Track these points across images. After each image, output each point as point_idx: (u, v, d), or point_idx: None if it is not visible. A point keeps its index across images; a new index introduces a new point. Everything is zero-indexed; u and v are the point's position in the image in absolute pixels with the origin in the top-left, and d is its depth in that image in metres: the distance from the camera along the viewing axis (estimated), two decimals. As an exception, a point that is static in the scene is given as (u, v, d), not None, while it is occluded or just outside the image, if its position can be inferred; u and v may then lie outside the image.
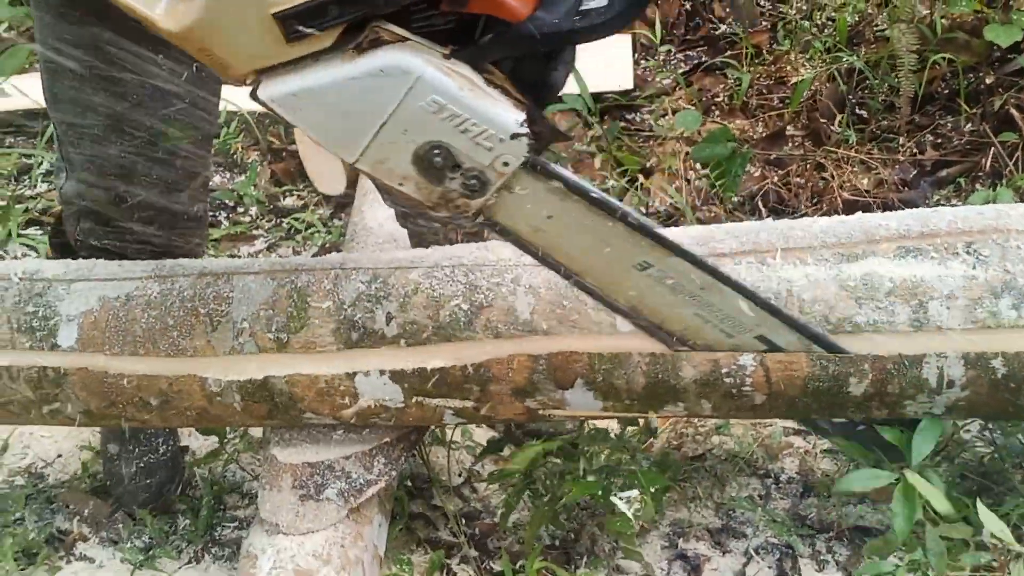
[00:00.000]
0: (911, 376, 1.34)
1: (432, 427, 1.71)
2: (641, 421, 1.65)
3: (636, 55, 3.01)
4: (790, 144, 2.61)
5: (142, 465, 1.84)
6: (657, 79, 2.92)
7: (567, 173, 1.16)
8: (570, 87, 2.66)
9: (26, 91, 2.83)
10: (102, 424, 1.58)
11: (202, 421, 1.55)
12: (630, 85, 2.81)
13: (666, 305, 1.29)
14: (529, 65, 1.06)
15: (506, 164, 1.08)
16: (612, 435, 1.68)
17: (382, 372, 1.42)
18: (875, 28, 2.84)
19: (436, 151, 1.07)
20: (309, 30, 0.98)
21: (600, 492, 1.54)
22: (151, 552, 1.79)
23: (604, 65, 2.84)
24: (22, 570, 1.75)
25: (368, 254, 1.55)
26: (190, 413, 1.52)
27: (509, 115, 1.05)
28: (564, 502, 1.60)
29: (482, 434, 1.95)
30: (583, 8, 1.01)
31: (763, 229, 1.42)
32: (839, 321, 1.32)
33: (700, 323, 1.31)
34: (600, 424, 1.72)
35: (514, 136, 1.06)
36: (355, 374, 1.44)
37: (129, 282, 1.51)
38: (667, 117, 2.73)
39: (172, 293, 1.49)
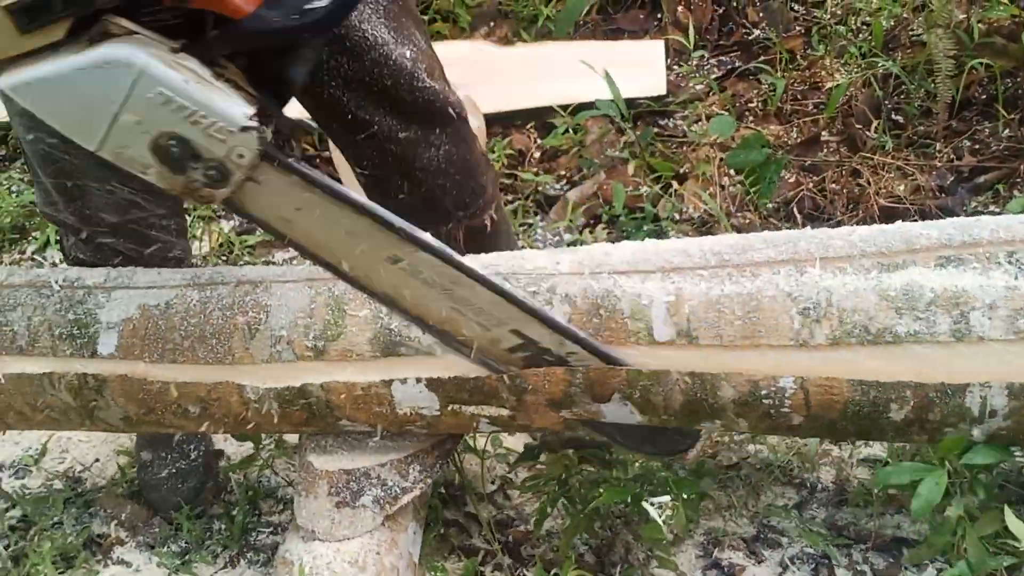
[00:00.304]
0: (953, 404, 1.32)
1: (465, 435, 1.71)
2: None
3: (669, 60, 2.99)
4: (825, 150, 2.59)
5: (175, 471, 1.85)
6: (690, 84, 2.91)
7: (307, 169, 1.20)
8: (604, 92, 2.66)
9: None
10: (141, 430, 1.60)
11: (240, 428, 1.56)
12: (663, 91, 2.81)
13: (422, 298, 1.32)
14: (263, 61, 1.11)
15: (241, 156, 1.13)
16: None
17: (418, 380, 1.43)
18: (911, 33, 2.81)
19: (172, 141, 1.11)
20: (39, 23, 1.04)
21: (631, 498, 1.54)
22: (187, 556, 1.80)
23: (637, 70, 2.83)
24: (61, 573, 1.77)
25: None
26: (228, 420, 1.53)
27: (238, 108, 1.10)
28: (595, 505, 1.60)
29: (514, 442, 1.95)
30: (306, 7, 1.06)
31: (802, 238, 1.41)
32: (879, 331, 1.31)
33: (457, 316, 1.34)
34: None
35: (244, 129, 1.10)
36: (391, 382, 1.44)
37: (168, 290, 1.53)
38: (700, 123, 2.72)
39: (211, 301, 1.50)
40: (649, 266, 1.41)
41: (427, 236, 1.28)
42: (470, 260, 1.34)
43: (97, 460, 2.02)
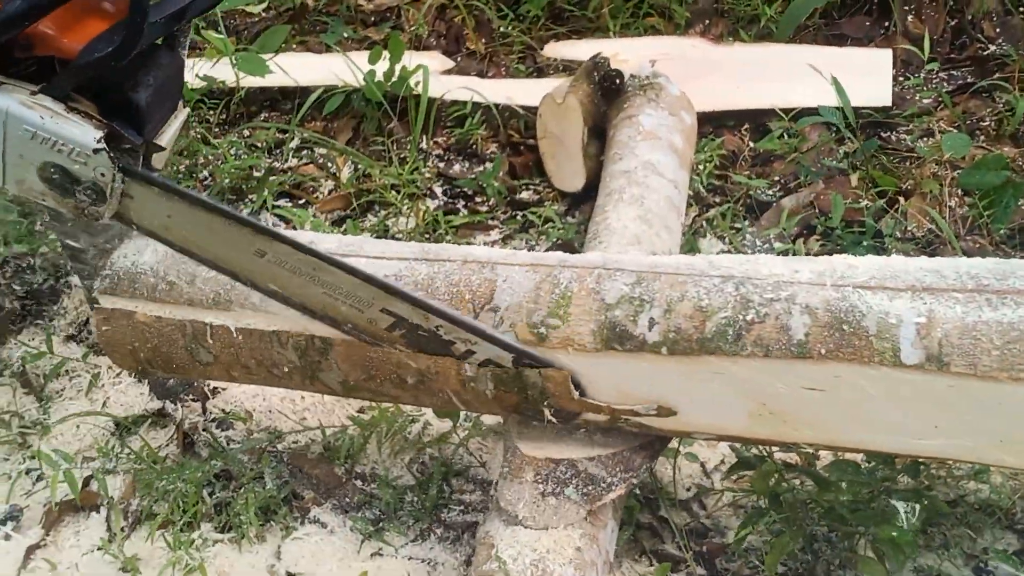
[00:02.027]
0: None
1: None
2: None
3: (895, 71, 2.86)
4: (1067, 179, 2.41)
5: None
6: (916, 97, 2.77)
7: (164, 179, 1.34)
8: (825, 98, 2.56)
9: (286, 69, 2.96)
10: (356, 396, 1.63)
11: (451, 405, 1.57)
12: (888, 102, 2.68)
13: (297, 287, 1.43)
14: (109, 91, 1.26)
15: (103, 175, 1.28)
16: (862, 467, 1.60)
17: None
18: None
19: (53, 169, 1.28)
20: None
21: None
22: (380, 524, 1.83)
23: (861, 78, 2.71)
24: (261, 525, 1.83)
25: (631, 256, 1.53)
26: (442, 395, 1.54)
27: (88, 135, 1.26)
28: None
29: (706, 452, 1.90)
30: (109, 44, 1.19)
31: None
32: None
33: (331, 300, 1.44)
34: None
35: (96, 151, 1.26)
36: (612, 376, 1.42)
37: (398, 262, 1.55)
38: (926, 139, 2.58)
39: (438, 276, 1.51)
40: (898, 283, 1.33)
41: (280, 228, 1.41)
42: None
43: (304, 419, 2.07)
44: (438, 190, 2.75)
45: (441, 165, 2.84)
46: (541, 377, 1.46)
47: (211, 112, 2.98)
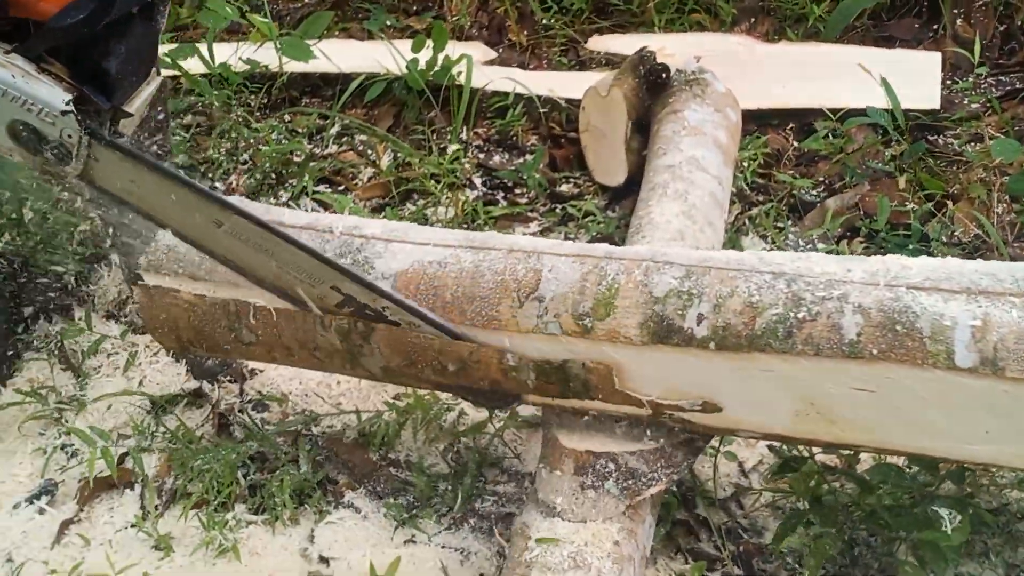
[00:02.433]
0: None
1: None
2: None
3: (944, 74, 2.82)
4: (1117, 188, 2.37)
5: None
6: (965, 102, 2.73)
7: (128, 145, 1.38)
8: (871, 99, 2.54)
9: (328, 55, 2.96)
10: (396, 382, 1.62)
11: (491, 393, 1.56)
12: (936, 105, 2.64)
13: (252, 259, 1.48)
14: (81, 56, 1.30)
15: (70, 136, 1.33)
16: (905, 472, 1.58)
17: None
18: None
19: (22, 127, 1.33)
20: None
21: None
22: (413, 512, 1.83)
23: (910, 81, 2.67)
24: (295, 508, 1.83)
25: (679, 250, 1.51)
26: (483, 383, 1.53)
27: (57, 96, 1.30)
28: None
29: (744, 451, 1.88)
30: (82, 10, 1.24)
31: None
32: None
33: (286, 275, 1.49)
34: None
35: (64, 113, 1.31)
36: (657, 371, 1.40)
37: (443, 249, 1.54)
38: (975, 144, 2.54)
39: (483, 264, 1.50)
40: (953, 285, 1.31)
41: (237, 201, 1.48)
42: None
43: (340, 403, 2.07)
44: (477, 181, 2.74)
45: (481, 156, 2.83)
46: (584, 369, 1.44)
47: (253, 96, 2.99)
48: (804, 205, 2.46)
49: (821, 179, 2.55)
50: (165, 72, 2.84)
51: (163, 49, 2.83)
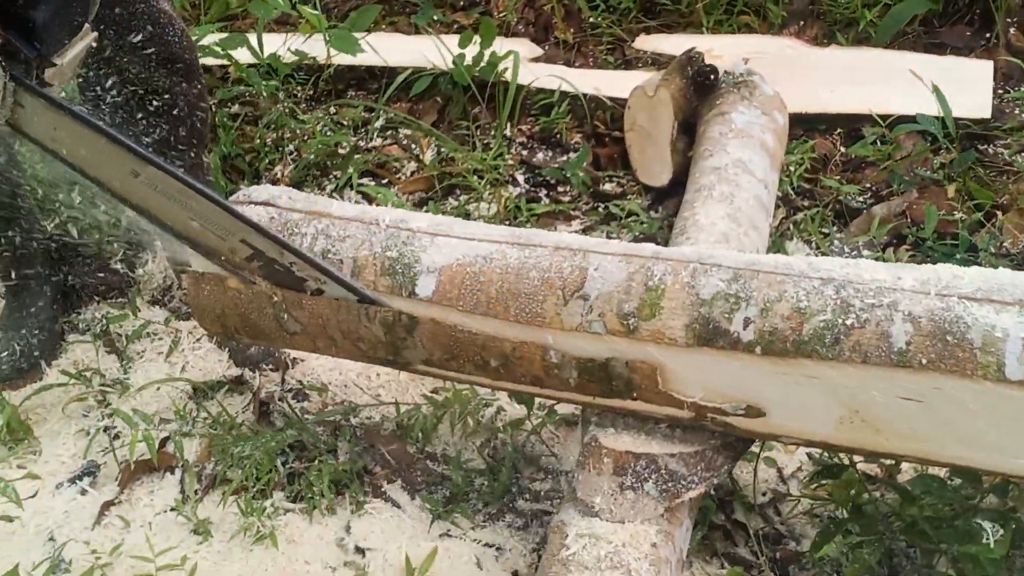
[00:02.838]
0: None
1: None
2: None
3: (995, 83, 2.78)
4: None
5: None
6: (1017, 112, 2.69)
7: (49, 93, 1.40)
8: (921, 106, 2.51)
9: (375, 48, 2.97)
10: (436, 375, 1.63)
11: (532, 391, 1.56)
12: (987, 114, 2.61)
13: (167, 209, 1.51)
14: (6, 4, 1.31)
15: None
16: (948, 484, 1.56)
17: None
18: None
19: None
20: None
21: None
22: (450, 506, 1.83)
23: (961, 89, 2.64)
24: (332, 498, 1.84)
25: (727, 252, 1.50)
26: (524, 380, 1.54)
27: None
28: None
29: (783, 458, 1.87)
30: None
31: None
32: None
33: (198, 227, 1.53)
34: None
35: None
36: (700, 373, 1.40)
37: (489, 244, 1.54)
38: (1024, 154, 2.51)
39: (529, 260, 1.50)
40: (1005, 297, 1.29)
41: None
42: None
43: (379, 395, 2.08)
44: (520, 177, 2.74)
45: (524, 153, 2.83)
46: (627, 368, 1.44)
47: (300, 87, 3.00)
48: (850, 211, 2.44)
49: (868, 185, 2.52)
50: (213, 61, 2.90)
51: (213, 39, 2.85)
